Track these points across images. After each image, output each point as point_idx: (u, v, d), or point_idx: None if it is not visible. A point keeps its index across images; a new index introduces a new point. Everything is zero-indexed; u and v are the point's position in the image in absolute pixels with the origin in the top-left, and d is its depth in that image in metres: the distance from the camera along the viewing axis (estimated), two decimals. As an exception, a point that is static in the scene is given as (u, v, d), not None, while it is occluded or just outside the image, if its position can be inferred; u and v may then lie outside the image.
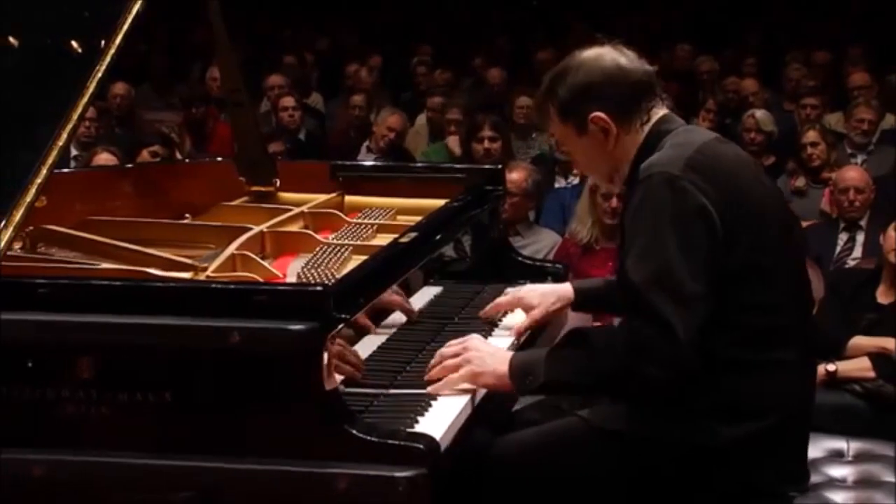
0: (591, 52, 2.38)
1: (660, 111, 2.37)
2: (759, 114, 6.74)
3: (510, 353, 2.34)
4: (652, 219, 2.20)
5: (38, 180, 2.16)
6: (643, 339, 2.16)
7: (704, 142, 2.32)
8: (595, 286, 2.83)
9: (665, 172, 2.21)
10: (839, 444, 2.58)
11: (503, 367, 2.28)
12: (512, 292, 2.77)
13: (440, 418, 2.14)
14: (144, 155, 5.88)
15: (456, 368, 2.28)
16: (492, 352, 2.35)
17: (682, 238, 2.17)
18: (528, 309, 2.70)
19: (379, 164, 5.40)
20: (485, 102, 7.83)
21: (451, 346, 2.34)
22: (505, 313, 2.77)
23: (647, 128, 2.35)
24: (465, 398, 2.24)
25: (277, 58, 9.54)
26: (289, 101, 7.40)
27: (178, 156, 6.23)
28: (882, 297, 4.21)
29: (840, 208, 5.34)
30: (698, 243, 2.18)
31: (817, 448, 2.50)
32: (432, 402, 2.20)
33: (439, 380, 2.29)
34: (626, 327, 2.23)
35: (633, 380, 2.20)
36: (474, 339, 2.37)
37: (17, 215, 2.12)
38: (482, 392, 2.31)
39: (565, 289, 2.76)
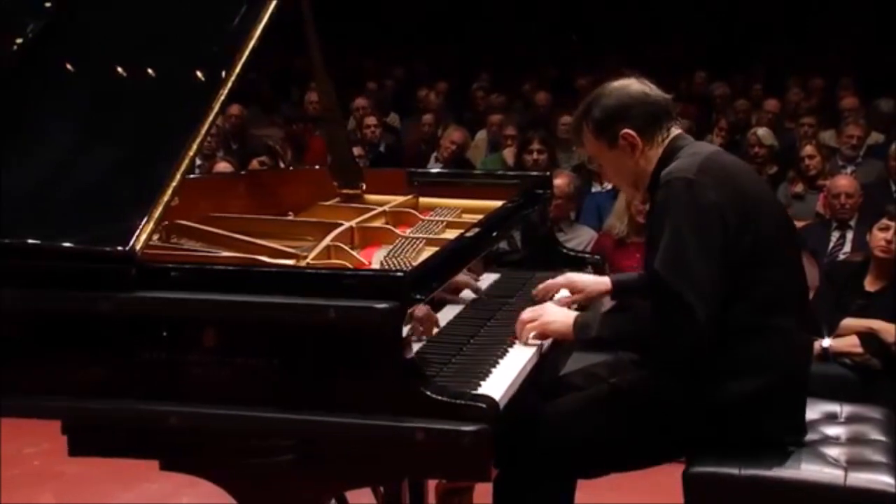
0: (620, 82, 2.40)
1: (676, 130, 2.39)
2: (761, 131, 6.67)
3: (576, 313, 2.40)
4: (673, 216, 2.21)
5: (173, 184, 2.17)
6: (668, 318, 2.17)
7: (713, 151, 2.37)
8: (631, 280, 2.79)
9: (683, 177, 2.23)
10: (833, 407, 2.53)
11: (570, 319, 2.34)
12: (565, 276, 2.73)
13: (500, 382, 2.14)
14: (254, 163, 5.96)
15: (532, 321, 2.36)
16: (563, 311, 2.42)
17: (699, 230, 2.18)
18: (575, 291, 2.68)
19: (447, 171, 5.39)
20: (533, 121, 7.80)
21: (530, 310, 2.40)
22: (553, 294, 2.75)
23: (666, 143, 2.36)
24: (520, 365, 2.24)
25: (362, 84, 9.58)
26: (371, 120, 7.44)
27: (282, 164, 6.29)
28: (869, 285, 4.17)
29: (833, 210, 5.26)
30: (712, 233, 2.19)
31: (814, 411, 2.46)
32: (492, 370, 2.20)
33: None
34: (655, 308, 2.22)
35: (660, 349, 2.24)
36: (549, 304, 2.50)
37: (157, 213, 2.14)
38: (535, 360, 2.31)
39: (607, 282, 2.74)
